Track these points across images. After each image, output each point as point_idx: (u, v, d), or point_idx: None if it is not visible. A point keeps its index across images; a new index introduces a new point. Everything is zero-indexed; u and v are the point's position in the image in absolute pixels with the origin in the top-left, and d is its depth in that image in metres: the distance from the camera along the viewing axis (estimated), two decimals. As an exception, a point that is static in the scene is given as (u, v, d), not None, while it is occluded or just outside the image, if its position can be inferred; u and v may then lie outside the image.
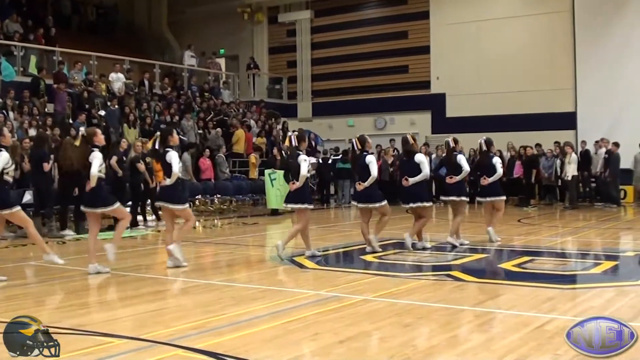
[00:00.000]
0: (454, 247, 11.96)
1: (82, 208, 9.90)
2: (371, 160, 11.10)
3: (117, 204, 9.68)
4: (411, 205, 11.57)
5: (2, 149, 9.05)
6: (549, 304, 7.25)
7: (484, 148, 12.75)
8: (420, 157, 11.53)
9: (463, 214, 12.66)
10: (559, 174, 21.77)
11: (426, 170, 11.42)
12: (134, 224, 15.78)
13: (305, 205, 10.77)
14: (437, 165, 13.94)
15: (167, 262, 9.91)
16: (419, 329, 6.29)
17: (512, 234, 14.19)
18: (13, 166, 9.32)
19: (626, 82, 23.41)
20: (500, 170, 12.60)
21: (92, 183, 9.33)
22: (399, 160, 12.15)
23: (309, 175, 10.94)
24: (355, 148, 11.32)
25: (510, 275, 9.57)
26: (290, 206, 10.95)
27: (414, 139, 11.92)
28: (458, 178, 12.16)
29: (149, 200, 16.37)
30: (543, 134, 23.47)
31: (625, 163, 21.57)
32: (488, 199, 12.69)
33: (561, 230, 15.80)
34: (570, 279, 9.21)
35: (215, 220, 17.95)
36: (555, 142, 22.52)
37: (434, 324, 6.52)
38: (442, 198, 12.95)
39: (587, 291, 8.20)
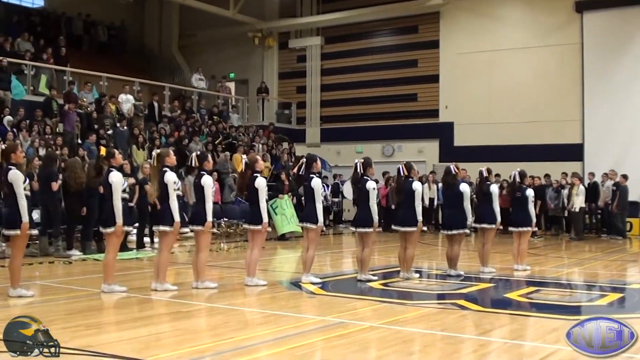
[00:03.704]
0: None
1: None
2: (417, 187, 11.27)
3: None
4: (454, 232, 11.86)
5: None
6: (554, 335, 7.24)
7: (518, 179, 13.04)
8: (464, 187, 11.85)
9: (491, 242, 12.80)
10: (565, 205, 21.73)
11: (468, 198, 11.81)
12: (140, 245, 15.84)
13: (372, 229, 10.97)
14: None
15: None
16: (425, 358, 6.28)
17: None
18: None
19: (634, 114, 23.44)
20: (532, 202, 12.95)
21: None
22: (442, 188, 12.46)
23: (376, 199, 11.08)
24: (402, 174, 11.49)
25: (516, 305, 9.57)
26: (358, 230, 11.12)
27: (458, 168, 12.19)
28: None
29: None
30: (550, 165, 23.45)
31: (632, 195, 21.54)
32: (520, 228, 12.92)
33: (567, 261, 15.77)
34: (576, 310, 9.20)
35: (222, 244, 17.94)
36: (563, 173, 22.51)
37: (439, 352, 6.52)
38: (474, 225, 13.11)
39: (593, 323, 8.17)
